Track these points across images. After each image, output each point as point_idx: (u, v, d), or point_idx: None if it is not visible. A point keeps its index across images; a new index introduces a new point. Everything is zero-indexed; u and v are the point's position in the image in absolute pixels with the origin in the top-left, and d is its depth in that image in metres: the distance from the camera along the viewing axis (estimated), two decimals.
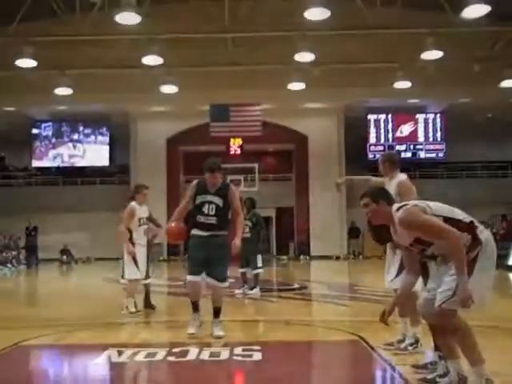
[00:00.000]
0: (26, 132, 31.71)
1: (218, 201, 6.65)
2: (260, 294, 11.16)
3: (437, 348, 4.83)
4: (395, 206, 4.56)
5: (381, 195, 4.63)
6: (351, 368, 5.88)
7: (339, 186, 7.39)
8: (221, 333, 6.59)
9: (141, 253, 8.88)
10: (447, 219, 4.34)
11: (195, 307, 6.78)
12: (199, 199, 6.68)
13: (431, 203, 4.48)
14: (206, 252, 6.61)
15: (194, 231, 6.75)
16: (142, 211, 9.04)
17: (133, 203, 8.96)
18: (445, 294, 4.23)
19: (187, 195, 6.83)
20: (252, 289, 11.31)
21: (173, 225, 6.79)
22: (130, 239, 8.83)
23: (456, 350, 4.37)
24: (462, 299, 4.12)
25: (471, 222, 4.37)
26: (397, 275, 5.84)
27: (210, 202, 6.63)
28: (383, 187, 5.04)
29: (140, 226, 8.98)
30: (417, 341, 5.88)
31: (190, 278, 6.73)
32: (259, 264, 11.35)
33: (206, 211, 6.62)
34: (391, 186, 6.12)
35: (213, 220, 6.62)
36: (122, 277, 9.00)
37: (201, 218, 6.64)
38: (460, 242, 4.18)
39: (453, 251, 4.19)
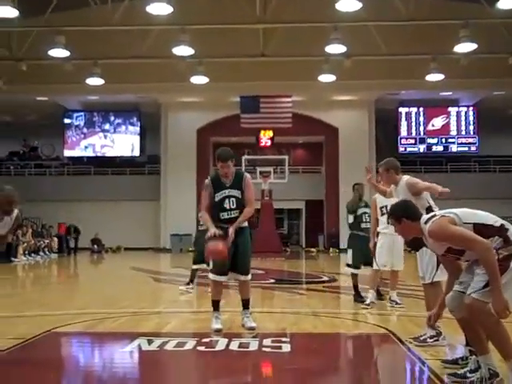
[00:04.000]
0: (59, 122, 32.13)
1: (237, 193, 6.56)
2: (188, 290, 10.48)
3: (468, 343, 4.80)
4: (423, 218, 4.57)
5: (401, 214, 4.64)
6: (379, 361, 5.87)
7: (369, 173, 7.59)
8: (253, 324, 6.57)
9: (384, 242, 8.55)
10: (477, 226, 4.32)
11: (216, 306, 6.65)
12: (218, 196, 6.55)
13: (459, 211, 4.46)
14: (231, 247, 6.46)
15: (218, 223, 6.55)
16: (383, 200, 8.43)
17: (377, 194, 8.67)
18: (477, 284, 4.21)
19: (206, 195, 6.63)
20: (189, 283, 10.64)
21: (220, 247, 6.32)
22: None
23: (486, 345, 4.35)
24: (498, 310, 4.09)
25: (502, 226, 4.33)
26: (437, 268, 5.83)
27: (230, 196, 6.54)
28: (404, 203, 4.93)
29: (382, 215, 8.57)
30: (438, 334, 5.84)
31: (214, 277, 6.61)
32: None
33: (228, 206, 6.52)
34: (400, 192, 6.15)
35: (236, 213, 6.51)
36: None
37: (224, 215, 6.52)
38: (490, 253, 4.14)
39: (484, 262, 4.17)
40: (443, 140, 31.57)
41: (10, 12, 16.87)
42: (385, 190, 7.33)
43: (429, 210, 5.80)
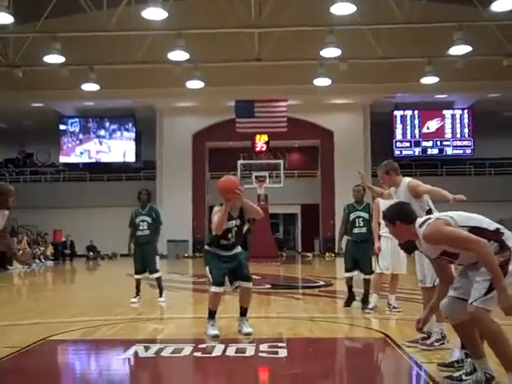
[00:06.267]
0: (54, 128, 32.11)
1: (238, 222, 6.66)
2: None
3: (463, 346, 4.80)
4: (418, 221, 4.55)
5: (395, 216, 4.63)
6: (376, 365, 5.87)
7: (361, 177, 7.87)
8: (250, 329, 6.59)
9: (387, 245, 8.43)
10: (473, 229, 4.31)
11: (213, 315, 6.66)
12: (225, 225, 6.58)
13: (455, 214, 4.46)
14: (229, 265, 6.63)
15: (214, 249, 6.67)
16: (387, 203, 8.54)
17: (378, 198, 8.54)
18: (478, 292, 4.18)
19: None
20: (161, 295, 10.15)
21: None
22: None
23: (481, 349, 4.35)
24: (505, 307, 4.07)
25: (497, 230, 4.32)
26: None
27: (234, 226, 6.64)
28: (398, 206, 4.93)
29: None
30: (443, 337, 5.84)
31: (214, 289, 6.58)
32: (157, 266, 10.19)
33: (229, 235, 6.62)
34: (401, 194, 6.16)
35: (233, 239, 6.64)
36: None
37: (224, 242, 6.62)
38: (489, 250, 4.14)
39: (484, 261, 4.14)
40: (438, 143, 31.65)
41: (5, 18, 16.85)
42: (381, 191, 7.34)
43: (429, 212, 5.81)
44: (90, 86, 23.92)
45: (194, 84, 24.26)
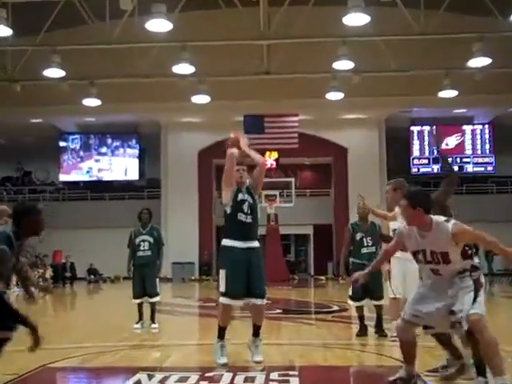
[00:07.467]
0: (53, 145, 32.25)
1: (250, 199, 6.66)
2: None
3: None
4: (441, 217, 5.02)
5: (420, 203, 5.01)
6: None
7: (362, 200, 8.33)
8: (260, 358, 6.42)
9: (399, 267, 8.08)
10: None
11: (223, 333, 6.47)
12: (240, 197, 6.64)
13: None
14: (246, 269, 6.36)
15: (232, 242, 6.47)
16: (396, 222, 7.99)
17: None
18: (467, 302, 4.79)
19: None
20: (153, 321, 10.02)
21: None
22: None
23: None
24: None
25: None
26: None
27: (246, 200, 6.62)
28: (427, 195, 5.21)
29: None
30: (463, 365, 5.78)
31: (227, 301, 6.40)
32: (158, 290, 10.05)
33: (244, 207, 6.55)
34: None
35: (250, 216, 6.51)
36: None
37: (241, 216, 6.50)
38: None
39: (493, 247, 4.90)
40: (458, 160, 31.56)
41: (4, 30, 17.03)
42: (384, 214, 7.35)
43: None
44: (91, 101, 24.04)
45: (200, 98, 24.34)
